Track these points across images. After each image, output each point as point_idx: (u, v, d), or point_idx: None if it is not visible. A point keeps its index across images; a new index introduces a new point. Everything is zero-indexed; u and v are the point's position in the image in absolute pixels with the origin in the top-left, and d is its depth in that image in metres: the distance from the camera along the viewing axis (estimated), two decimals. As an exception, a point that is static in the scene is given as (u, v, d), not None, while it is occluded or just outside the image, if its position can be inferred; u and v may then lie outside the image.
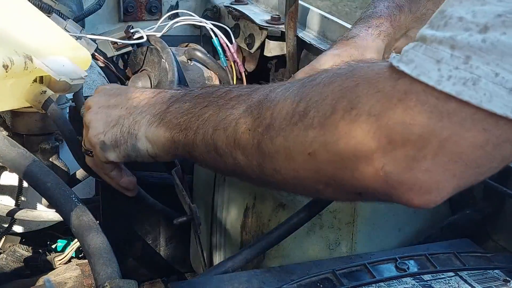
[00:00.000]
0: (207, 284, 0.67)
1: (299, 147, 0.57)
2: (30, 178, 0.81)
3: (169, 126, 0.74)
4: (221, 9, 1.65)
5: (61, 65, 0.86)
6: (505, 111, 0.47)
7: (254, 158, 0.63)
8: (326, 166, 0.56)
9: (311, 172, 0.58)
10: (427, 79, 0.49)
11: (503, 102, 0.47)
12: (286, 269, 0.71)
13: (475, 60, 0.48)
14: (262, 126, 0.61)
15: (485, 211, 0.87)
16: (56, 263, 1.20)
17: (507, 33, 0.47)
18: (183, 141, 0.72)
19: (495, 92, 0.47)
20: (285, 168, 0.60)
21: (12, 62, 0.82)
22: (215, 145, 0.67)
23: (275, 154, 0.60)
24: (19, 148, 0.83)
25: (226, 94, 0.70)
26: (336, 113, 0.54)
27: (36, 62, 0.84)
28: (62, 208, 0.78)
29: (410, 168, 0.51)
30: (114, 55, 1.41)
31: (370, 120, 0.52)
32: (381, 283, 0.67)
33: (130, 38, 1.40)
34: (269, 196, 0.80)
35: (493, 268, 0.71)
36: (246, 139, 0.63)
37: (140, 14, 1.64)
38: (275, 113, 0.60)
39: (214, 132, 0.67)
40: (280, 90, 0.62)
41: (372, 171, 0.52)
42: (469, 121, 0.49)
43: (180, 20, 1.51)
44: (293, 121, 0.58)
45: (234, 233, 0.86)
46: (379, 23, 1.08)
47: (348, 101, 0.54)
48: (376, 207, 0.84)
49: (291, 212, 0.76)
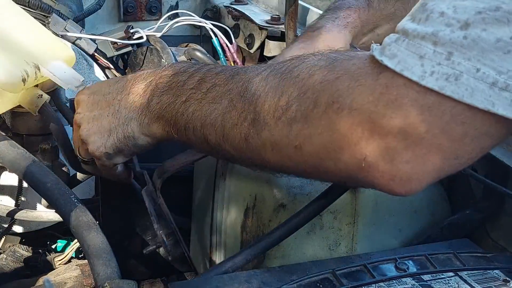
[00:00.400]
0: (207, 284, 0.67)
1: (284, 140, 0.59)
2: (29, 179, 0.81)
3: (159, 122, 0.74)
4: (221, 9, 1.65)
5: (62, 71, 0.86)
6: (486, 105, 0.49)
7: (243, 151, 0.65)
8: (312, 157, 0.58)
9: (298, 163, 0.60)
10: (411, 75, 0.50)
11: (484, 96, 0.49)
12: (286, 269, 0.71)
13: (457, 56, 0.49)
14: (248, 120, 0.62)
15: (485, 211, 0.87)
16: (56, 263, 1.20)
17: (487, 29, 0.48)
18: (177, 136, 0.73)
19: (476, 87, 0.49)
20: (273, 159, 0.62)
21: (27, 74, 0.81)
22: (206, 139, 0.68)
23: (262, 147, 0.62)
24: (19, 149, 0.83)
25: (200, 84, 0.70)
26: (319, 107, 0.56)
27: (44, 71, 0.84)
28: (62, 208, 0.78)
29: (391, 159, 0.52)
30: (114, 55, 1.41)
31: (352, 113, 0.53)
32: (381, 283, 0.67)
33: (130, 38, 1.40)
34: (270, 196, 0.80)
35: (493, 268, 0.71)
36: (234, 134, 0.64)
37: (140, 14, 1.64)
38: (258, 107, 0.61)
39: (202, 127, 0.68)
40: (258, 80, 0.63)
41: (355, 162, 0.54)
42: (449, 114, 0.50)
43: (180, 20, 1.51)
44: (276, 115, 0.59)
45: (234, 233, 0.86)
46: (347, 15, 1.07)
47: (329, 95, 0.55)
48: (376, 208, 0.84)
49: (291, 212, 0.76)
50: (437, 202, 0.90)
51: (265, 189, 0.80)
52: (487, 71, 0.48)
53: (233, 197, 0.87)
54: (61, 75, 0.86)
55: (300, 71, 0.59)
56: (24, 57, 0.84)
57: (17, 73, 0.81)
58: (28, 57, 0.85)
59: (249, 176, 0.83)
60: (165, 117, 0.73)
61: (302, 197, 0.80)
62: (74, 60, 0.94)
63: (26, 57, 0.84)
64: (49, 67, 0.85)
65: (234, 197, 0.87)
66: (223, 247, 0.89)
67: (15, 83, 0.81)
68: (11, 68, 0.81)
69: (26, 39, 0.90)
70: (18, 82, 0.81)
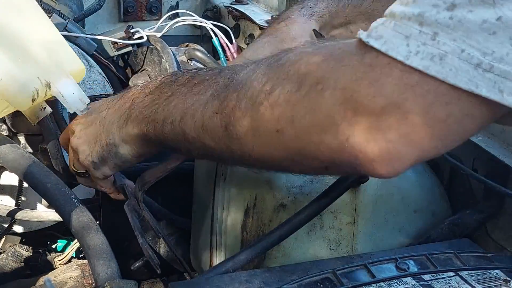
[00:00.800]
0: (207, 284, 0.67)
1: (266, 125, 0.58)
2: (30, 179, 0.81)
3: (136, 121, 0.74)
4: (221, 9, 1.65)
5: (71, 92, 0.84)
6: (470, 86, 0.49)
7: (222, 141, 0.64)
8: (294, 142, 0.57)
9: (279, 150, 0.59)
10: (396, 54, 0.50)
11: (468, 77, 0.49)
12: (287, 269, 0.71)
13: (442, 37, 0.49)
14: (229, 108, 0.62)
15: (485, 211, 0.87)
16: (56, 263, 1.20)
17: (473, 11, 0.48)
18: (153, 133, 0.72)
19: (461, 67, 0.49)
20: (253, 148, 0.61)
21: (38, 93, 0.80)
22: (184, 133, 0.67)
23: (243, 135, 0.61)
24: (19, 149, 0.83)
25: (189, 81, 0.70)
26: (302, 89, 0.55)
27: (54, 91, 0.82)
28: (62, 208, 0.78)
29: (373, 139, 0.52)
30: (114, 55, 1.41)
31: (335, 93, 0.53)
32: (381, 283, 0.67)
33: (130, 38, 1.40)
34: (270, 196, 0.80)
35: (493, 268, 0.71)
36: (214, 123, 0.63)
37: (140, 14, 1.65)
38: (241, 94, 0.61)
39: (181, 119, 0.67)
40: (245, 72, 0.63)
41: (337, 143, 0.53)
42: (432, 94, 0.50)
43: (180, 20, 1.51)
44: (259, 100, 0.58)
45: (234, 233, 0.86)
46: (313, 4, 1.05)
47: (314, 77, 0.55)
48: (376, 208, 0.84)
49: (291, 212, 0.76)
50: (437, 202, 0.90)
51: (265, 189, 0.80)
52: (472, 52, 0.48)
53: (234, 197, 0.87)
54: (69, 97, 0.83)
55: (287, 59, 0.59)
56: (38, 72, 0.82)
57: (28, 91, 0.79)
58: (42, 73, 0.82)
59: (249, 176, 0.83)
60: (143, 114, 0.73)
61: (302, 197, 0.80)
62: (83, 74, 0.93)
63: (39, 73, 0.82)
64: (59, 86, 0.82)
65: (234, 197, 0.87)
66: (224, 247, 0.89)
67: (24, 102, 0.79)
68: (24, 84, 0.79)
69: (43, 49, 0.87)
70: (27, 101, 0.79)
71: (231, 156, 0.65)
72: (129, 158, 0.79)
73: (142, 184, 0.83)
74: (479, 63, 0.48)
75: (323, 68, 0.54)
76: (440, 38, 0.49)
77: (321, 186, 0.79)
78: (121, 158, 0.78)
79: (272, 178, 0.80)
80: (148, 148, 0.77)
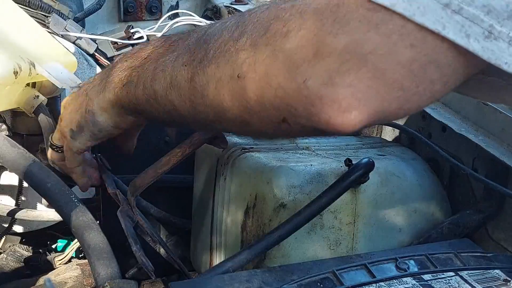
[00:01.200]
0: (207, 284, 0.67)
1: (228, 70, 0.56)
2: (30, 179, 0.81)
3: (111, 86, 0.74)
4: (221, 9, 1.65)
5: (59, 72, 0.87)
6: (437, 27, 0.47)
7: (187, 96, 0.62)
8: (253, 88, 0.54)
9: (239, 99, 0.56)
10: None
11: (436, 17, 0.47)
12: (287, 269, 0.71)
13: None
14: (197, 58, 0.60)
15: (485, 211, 0.87)
16: (56, 263, 1.20)
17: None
18: (126, 97, 0.72)
19: (429, 6, 0.47)
20: (214, 98, 0.59)
21: (20, 68, 0.82)
22: (154, 92, 0.66)
23: (206, 84, 0.59)
24: (19, 149, 0.83)
25: (165, 42, 0.70)
26: (268, 32, 0.53)
27: (39, 69, 0.85)
28: (62, 208, 0.78)
29: (332, 82, 0.49)
30: (114, 55, 1.41)
31: (300, 33, 0.51)
32: (381, 283, 0.67)
33: (130, 38, 1.40)
34: (270, 196, 0.80)
35: (493, 268, 0.71)
36: (181, 75, 0.62)
37: (140, 14, 1.65)
38: (211, 43, 0.59)
39: (152, 78, 0.66)
40: (218, 24, 0.62)
41: (295, 86, 0.51)
42: (397, 34, 0.48)
43: (180, 20, 1.51)
44: (226, 47, 0.57)
45: (234, 233, 0.86)
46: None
47: (281, 20, 0.53)
48: (376, 208, 0.84)
49: (291, 212, 0.76)
50: (437, 202, 0.90)
51: (265, 189, 0.80)
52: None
53: (233, 197, 0.87)
54: (58, 75, 0.86)
55: (259, 8, 0.57)
56: (20, 53, 0.85)
57: (9, 65, 0.81)
58: (24, 54, 0.85)
59: (250, 176, 0.83)
60: (119, 78, 0.72)
61: (302, 197, 0.80)
62: (75, 66, 0.94)
63: (22, 54, 0.85)
64: (45, 66, 0.86)
65: (234, 197, 0.87)
66: (224, 247, 0.89)
67: (6, 75, 0.81)
68: (4, 59, 0.82)
69: (26, 39, 0.91)
70: (9, 74, 0.81)
71: (194, 111, 0.63)
72: (105, 127, 0.78)
73: (134, 190, 0.82)
74: (448, 3, 0.46)
75: (291, 12, 0.52)
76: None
77: (321, 186, 0.79)
78: (97, 125, 0.78)
79: (272, 178, 0.80)
80: (123, 117, 0.76)
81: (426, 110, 1.00)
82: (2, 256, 1.21)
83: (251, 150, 0.88)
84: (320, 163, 0.84)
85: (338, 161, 0.85)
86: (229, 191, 0.88)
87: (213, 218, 0.92)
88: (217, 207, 0.91)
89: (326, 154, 0.90)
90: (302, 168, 0.81)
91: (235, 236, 0.86)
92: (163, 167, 0.81)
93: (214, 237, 0.92)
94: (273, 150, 0.90)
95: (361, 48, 0.48)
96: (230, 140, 0.92)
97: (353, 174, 0.77)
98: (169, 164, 0.81)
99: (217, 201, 0.91)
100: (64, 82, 0.85)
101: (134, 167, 0.89)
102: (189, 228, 1.03)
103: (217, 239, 0.91)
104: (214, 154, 0.92)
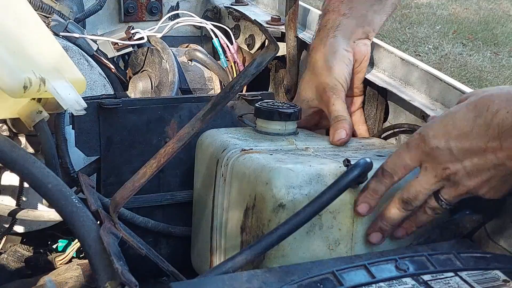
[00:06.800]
0: (207, 284, 0.67)
1: None
2: (30, 179, 0.81)
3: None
4: (221, 10, 1.65)
5: (67, 93, 0.85)
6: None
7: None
8: None
9: None
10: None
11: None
12: (286, 270, 0.71)
13: None
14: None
15: (485, 211, 0.87)
16: (57, 263, 1.20)
17: None
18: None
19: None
20: None
21: (30, 83, 0.80)
22: None
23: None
24: (19, 149, 0.84)
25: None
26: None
27: (48, 87, 0.83)
28: (63, 209, 0.78)
29: None
30: (114, 56, 1.42)
31: None
32: (381, 283, 0.67)
33: (131, 39, 1.40)
34: (269, 196, 0.80)
35: (492, 269, 0.71)
36: None
37: (140, 15, 1.65)
38: None
39: None
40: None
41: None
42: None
43: (181, 21, 1.51)
44: None
45: (234, 234, 0.86)
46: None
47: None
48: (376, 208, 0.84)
49: (291, 212, 0.76)
50: (437, 202, 0.90)
51: (264, 190, 0.80)
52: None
53: (233, 197, 0.87)
54: (65, 96, 0.84)
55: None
56: (33, 66, 0.83)
57: (20, 78, 0.79)
58: (37, 68, 0.83)
59: (249, 176, 0.83)
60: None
61: (301, 197, 0.80)
62: (84, 87, 0.93)
63: (34, 67, 0.83)
64: (55, 84, 0.83)
65: (233, 198, 0.87)
66: (223, 247, 0.89)
67: (16, 88, 0.79)
68: (16, 71, 0.79)
69: (41, 52, 0.88)
70: (18, 88, 0.79)
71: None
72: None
73: (115, 206, 0.82)
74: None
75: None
76: None
77: (320, 187, 0.79)
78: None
79: (271, 179, 0.80)
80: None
81: (426, 111, 1.00)
82: (3, 256, 1.21)
83: (250, 151, 0.88)
84: (319, 164, 0.84)
85: (336, 162, 0.85)
86: (228, 192, 0.88)
87: (213, 219, 0.92)
88: (216, 208, 0.91)
89: (324, 155, 0.90)
90: (301, 169, 0.81)
91: (235, 236, 0.86)
92: (140, 179, 0.80)
93: (214, 238, 0.92)
94: (272, 151, 0.90)
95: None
96: (229, 141, 0.92)
97: (352, 174, 0.77)
98: (146, 176, 0.80)
99: (216, 202, 0.91)
100: (69, 105, 0.83)
101: (134, 168, 0.89)
102: (188, 235, 1.03)
103: (217, 240, 0.91)
104: (213, 155, 0.92)
